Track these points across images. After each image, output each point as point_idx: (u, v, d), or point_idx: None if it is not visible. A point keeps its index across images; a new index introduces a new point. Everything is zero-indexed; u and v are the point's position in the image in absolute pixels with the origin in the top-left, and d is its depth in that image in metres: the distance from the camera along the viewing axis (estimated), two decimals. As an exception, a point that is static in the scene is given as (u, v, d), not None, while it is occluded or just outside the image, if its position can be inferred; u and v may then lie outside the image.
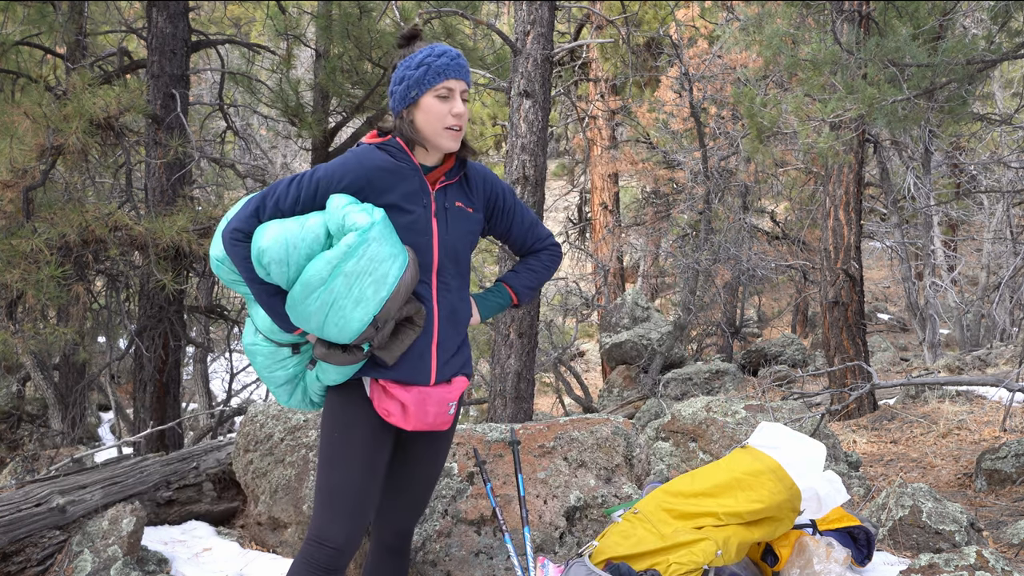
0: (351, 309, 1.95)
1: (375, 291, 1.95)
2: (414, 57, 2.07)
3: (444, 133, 2.08)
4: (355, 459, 2.07)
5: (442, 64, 2.04)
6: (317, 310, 1.96)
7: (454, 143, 2.10)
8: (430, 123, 2.07)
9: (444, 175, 2.17)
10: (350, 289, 1.94)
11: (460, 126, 2.09)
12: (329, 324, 1.97)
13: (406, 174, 2.10)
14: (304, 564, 2.04)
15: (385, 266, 1.96)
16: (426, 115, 2.07)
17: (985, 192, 12.76)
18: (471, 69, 7.37)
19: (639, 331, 12.37)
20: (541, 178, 6.12)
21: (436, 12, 7.76)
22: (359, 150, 2.13)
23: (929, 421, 6.95)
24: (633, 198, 18.98)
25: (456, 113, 2.07)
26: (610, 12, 13.93)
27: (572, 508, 3.15)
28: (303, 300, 1.97)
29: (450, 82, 2.06)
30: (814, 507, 2.93)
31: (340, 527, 2.03)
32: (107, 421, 13.23)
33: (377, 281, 1.95)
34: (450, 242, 2.14)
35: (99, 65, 8.38)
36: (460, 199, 2.18)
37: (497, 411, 6.06)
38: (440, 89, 2.05)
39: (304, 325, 2.02)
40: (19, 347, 5.58)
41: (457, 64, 2.07)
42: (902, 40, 4.81)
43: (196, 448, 4.00)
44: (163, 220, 5.87)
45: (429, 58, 2.05)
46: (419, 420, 2.08)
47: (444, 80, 2.05)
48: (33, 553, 3.10)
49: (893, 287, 20.47)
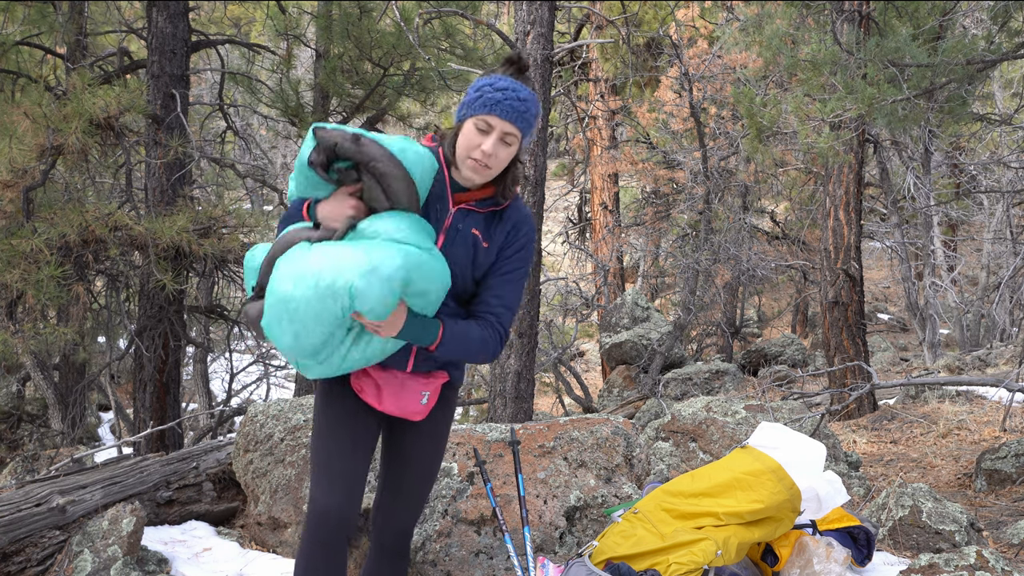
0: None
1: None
2: (483, 80, 2.05)
3: (467, 162, 2.04)
4: (341, 429, 2.16)
5: (493, 98, 2.00)
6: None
7: (475, 176, 2.06)
8: (462, 147, 2.04)
9: (475, 201, 2.13)
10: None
11: (485, 164, 2.03)
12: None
13: (428, 181, 2.08)
14: (305, 540, 2.12)
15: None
16: (463, 138, 2.04)
17: (985, 192, 12.76)
18: (470, 69, 7.38)
19: (639, 331, 12.36)
20: (541, 178, 6.12)
21: (436, 12, 7.76)
22: (403, 138, 2.12)
23: (929, 421, 6.95)
24: (633, 198, 18.98)
25: (483, 150, 2.01)
26: (610, 12, 13.93)
27: (572, 508, 3.15)
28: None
29: (493, 119, 2.00)
30: (814, 507, 2.93)
31: (331, 496, 2.09)
32: (107, 421, 13.24)
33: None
34: (448, 262, 2.10)
35: (99, 65, 8.38)
36: (479, 228, 2.14)
37: (497, 411, 6.06)
38: (480, 121, 2.01)
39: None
40: (19, 347, 5.58)
41: (510, 105, 1.99)
42: (902, 40, 4.81)
43: (196, 448, 4.00)
44: (163, 220, 5.87)
45: (487, 87, 2.01)
46: (391, 403, 2.13)
47: (487, 113, 2.00)
48: (33, 553, 3.10)
49: (893, 287, 20.47)
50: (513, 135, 2.02)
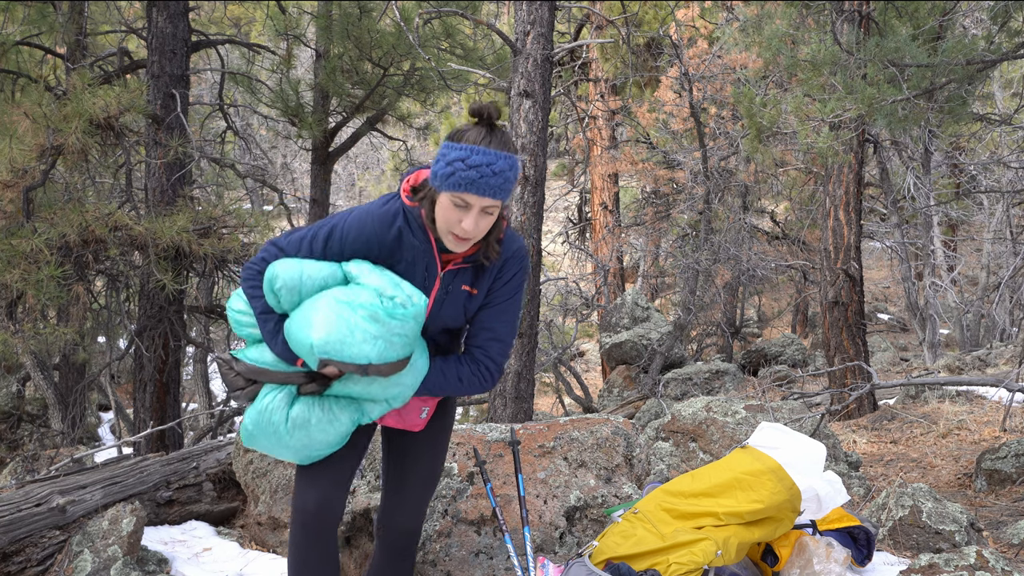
0: (361, 341, 1.94)
1: (388, 347, 1.98)
2: (454, 149, 1.91)
3: (449, 235, 1.99)
4: None
5: (468, 177, 1.88)
6: (328, 313, 1.97)
7: (458, 248, 2.02)
8: (441, 220, 1.98)
9: (462, 258, 2.10)
10: (370, 328, 1.95)
11: (468, 238, 1.98)
12: (333, 332, 1.95)
13: (417, 254, 2.07)
14: (291, 535, 2.19)
15: (404, 340, 2.00)
16: (442, 211, 1.97)
17: (985, 192, 12.76)
18: (470, 69, 7.38)
19: (639, 331, 12.36)
20: (541, 178, 6.12)
21: (436, 12, 7.76)
22: (381, 214, 2.05)
23: (929, 421, 6.95)
24: (633, 198, 18.98)
25: (464, 228, 1.94)
26: (610, 12, 13.93)
27: (572, 508, 3.15)
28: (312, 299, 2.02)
29: (470, 196, 1.91)
30: (814, 507, 2.93)
31: (311, 491, 2.14)
32: (107, 421, 13.24)
33: (395, 343, 1.98)
34: (441, 321, 2.15)
35: (99, 65, 8.38)
36: (467, 282, 2.13)
37: (497, 411, 6.06)
38: (456, 198, 1.93)
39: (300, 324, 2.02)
40: (19, 347, 5.58)
41: (486, 183, 1.89)
42: (902, 40, 4.81)
43: (196, 448, 4.00)
44: (163, 220, 5.87)
45: (459, 164, 1.89)
46: (391, 418, 2.23)
47: (463, 192, 1.91)
48: (33, 553, 3.10)
49: (893, 287, 20.48)
50: (493, 206, 1.95)
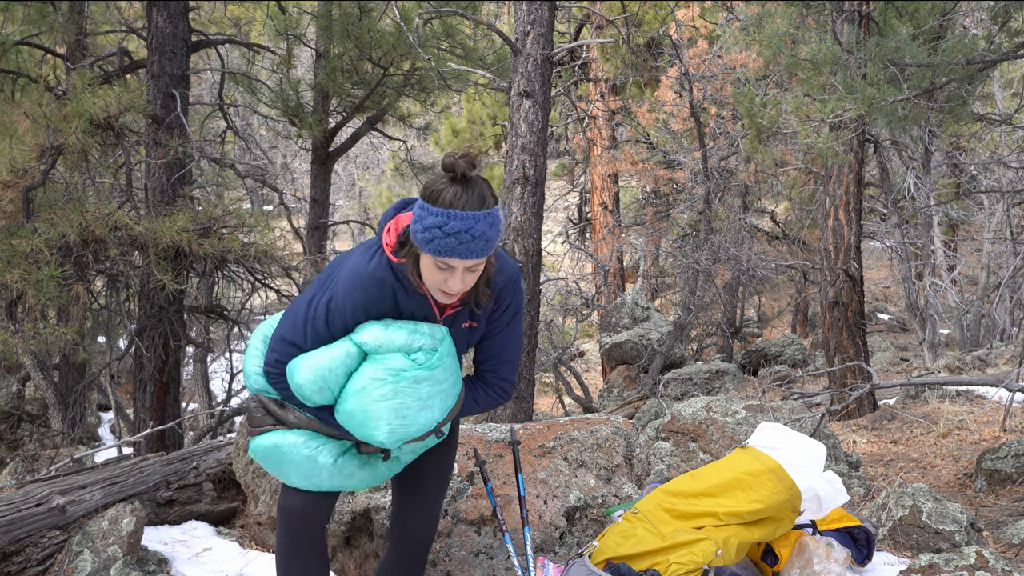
0: (419, 411, 2.04)
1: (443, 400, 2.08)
2: (430, 214, 1.85)
3: (437, 292, 1.99)
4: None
5: (447, 245, 1.85)
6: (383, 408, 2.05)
7: (447, 300, 2.01)
8: (427, 279, 1.97)
9: (459, 302, 2.09)
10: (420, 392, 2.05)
11: (456, 295, 1.99)
12: (393, 421, 2.04)
13: (415, 309, 2.07)
14: (278, 534, 2.26)
15: (452, 378, 2.11)
16: (427, 272, 1.95)
17: (985, 192, 12.76)
18: (470, 69, 7.37)
19: (639, 331, 12.36)
20: (541, 178, 6.11)
21: (436, 12, 7.76)
22: (371, 280, 2.01)
23: (929, 421, 6.95)
24: (633, 198, 18.97)
25: (450, 287, 1.93)
26: (610, 12, 13.93)
27: (572, 508, 3.15)
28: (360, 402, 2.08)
29: (453, 260, 1.89)
30: (814, 507, 2.93)
31: (296, 493, 2.20)
32: (107, 421, 13.24)
33: (447, 388, 2.09)
34: None
35: (99, 65, 8.37)
36: (466, 319, 2.14)
37: (497, 411, 6.05)
38: (439, 262, 1.90)
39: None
40: (19, 347, 5.58)
41: (467, 248, 1.86)
42: (902, 40, 4.80)
43: (196, 448, 4.00)
44: (163, 220, 5.87)
45: (437, 231, 1.84)
46: None
47: (444, 258, 1.89)
48: (33, 553, 3.10)
49: (893, 287, 20.47)
50: (477, 264, 1.93)
